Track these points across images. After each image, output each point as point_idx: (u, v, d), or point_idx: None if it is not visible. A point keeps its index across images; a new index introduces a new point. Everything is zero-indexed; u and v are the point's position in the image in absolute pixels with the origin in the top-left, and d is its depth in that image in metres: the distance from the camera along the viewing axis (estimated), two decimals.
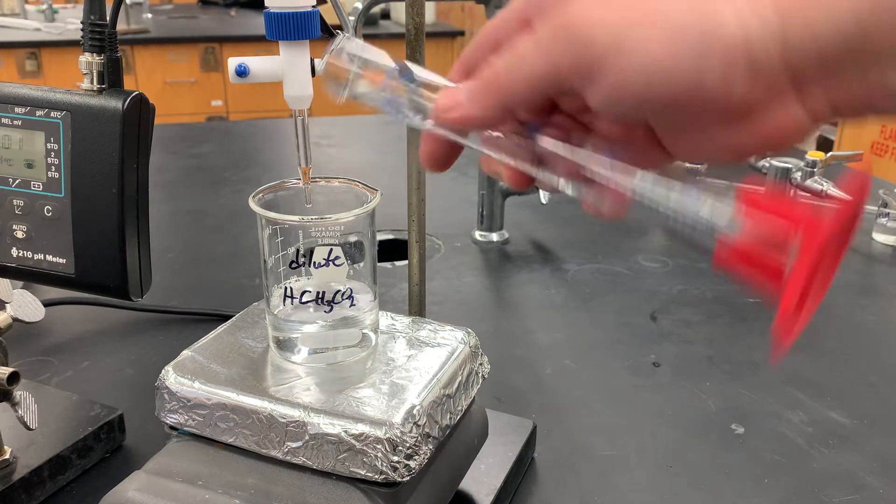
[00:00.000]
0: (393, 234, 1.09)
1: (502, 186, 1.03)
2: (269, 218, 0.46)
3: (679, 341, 0.80)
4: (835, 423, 0.66)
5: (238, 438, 0.45)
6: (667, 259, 1.00)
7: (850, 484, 0.59)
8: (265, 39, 0.45)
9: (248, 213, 0.47)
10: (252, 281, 0.93)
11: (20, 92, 0.46)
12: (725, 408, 0.68)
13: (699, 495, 0.58)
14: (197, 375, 0.46)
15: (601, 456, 0.62)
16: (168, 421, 0.47)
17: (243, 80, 0.45)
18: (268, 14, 0.44)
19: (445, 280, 0.94)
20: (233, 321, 0.53)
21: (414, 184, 0.56)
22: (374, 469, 0.42)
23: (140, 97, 0.45)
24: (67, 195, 0.45)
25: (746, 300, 0.88)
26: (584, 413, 0.68)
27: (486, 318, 0.85)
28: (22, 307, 0.60)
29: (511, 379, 0.72)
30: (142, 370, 0.73)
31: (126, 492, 0.44)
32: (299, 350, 0.48)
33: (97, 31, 0.44)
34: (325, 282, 0.48)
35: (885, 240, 1.06)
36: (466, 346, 0.51)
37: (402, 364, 0.48)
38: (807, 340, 0.80)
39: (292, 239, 0.47)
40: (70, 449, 0.58)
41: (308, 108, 0.48)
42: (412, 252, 0.58)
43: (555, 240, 1.06)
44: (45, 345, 0.77)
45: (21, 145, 0.46)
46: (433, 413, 0.45)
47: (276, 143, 1.61)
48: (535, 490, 0.58)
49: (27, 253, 0.47)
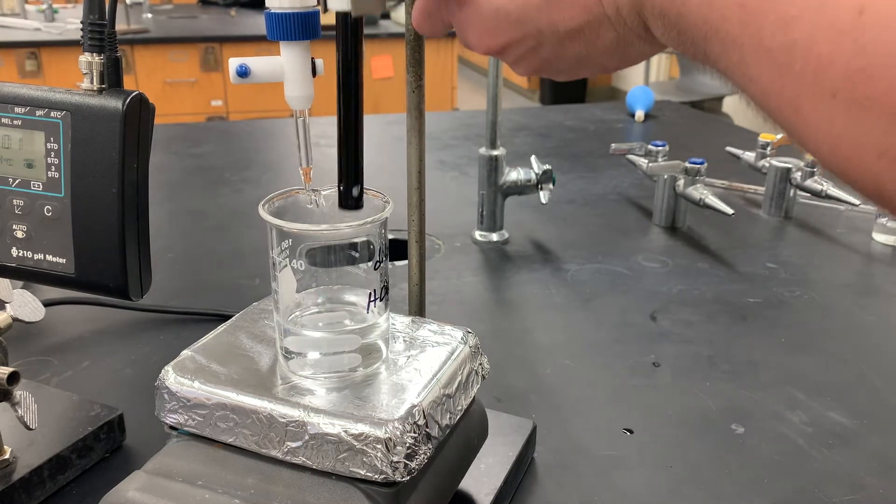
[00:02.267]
0: (393, 234, 1.09)
1: (502, 186, 1.03)
2: (278, 227, 0.45)
3: (679, 341, 0.80)
4: (835, 423, 0.66)
5: (238, 438, 0.45)
6: (667, 259, 1.00)
7: (850, 484, 0.59)
8: (265, 39, 0.45)
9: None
10: (252, 281, 0.93)
11: (20, 92, 0.46)
12: (725, 408, 0.68)
13: (699, 495, 0.58)
14: (197, 375, 0.46)
15: (601, 456, 0.62)
16: (168, 421, 0.47)
17: (244, 80, 0.45)
18: (268, 14, 0.44)
19: (445, 280, 0.94)
20: (233, 321, 0.53)
21: (414, 184, 0.56)
22: (374, 469, 0.42)
23: (140, 97, 0.45)
24: (67, 195, 0.45)
25: (746, 300, 0.88)
26: (584, 413, 0.68)
27: (486, 318, 0.85)
28: (22, 307, 0.60)
29: (511, 379, 0.72)
30: (142, 370, 0.73)
31: (126, 492, 0.44)
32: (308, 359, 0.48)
33: (97, 30, 0.44)
34: (334, 290, 0.48)
35: (885, 240, 1.06)
36: (466, 345, 0.51)
37: (401, 364, 0.48)
38: (807, 340, 0.80)
39: (302, 247, 0.46)
40: (70, 449, 0.58)
41: (309, 108, 0.48)
42: (412, 252, 0.58)
43: (555, 240, 1.06)
44: (45, 345, 0.77)
45: (21, 145, 0.46)
46: (433, 413, 0.45)
47: (276, 143, 1.61)
48: (535, 490, 0.58)
49: (27, 253, 0.47)
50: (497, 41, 0.41)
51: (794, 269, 0.97)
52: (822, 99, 0.28)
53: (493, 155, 1.01)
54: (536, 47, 0.40)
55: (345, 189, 0.47)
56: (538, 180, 1.03)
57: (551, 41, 0.39)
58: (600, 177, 1.34)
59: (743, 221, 1.14)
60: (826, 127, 0.28)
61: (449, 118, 1.76)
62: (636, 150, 1.21)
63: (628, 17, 0.36)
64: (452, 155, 1.46)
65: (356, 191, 0.47)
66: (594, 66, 0.41)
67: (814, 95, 0.28)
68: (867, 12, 0.26)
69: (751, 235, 1.09)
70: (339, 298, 0.48)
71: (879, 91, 0.26)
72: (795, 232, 1.10)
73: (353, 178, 0.47)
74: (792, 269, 0.97)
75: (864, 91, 0.27)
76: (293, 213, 0.48)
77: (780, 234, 1.10)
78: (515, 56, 0.42)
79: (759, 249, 1.03)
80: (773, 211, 1.16)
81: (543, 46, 0.40)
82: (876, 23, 0.26)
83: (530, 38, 0.40)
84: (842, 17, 0.27)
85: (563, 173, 1.33)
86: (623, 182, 1.30)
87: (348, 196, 0.47)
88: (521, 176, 1.03)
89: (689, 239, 1.07)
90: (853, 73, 0.27)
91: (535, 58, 0.41)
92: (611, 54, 0.39)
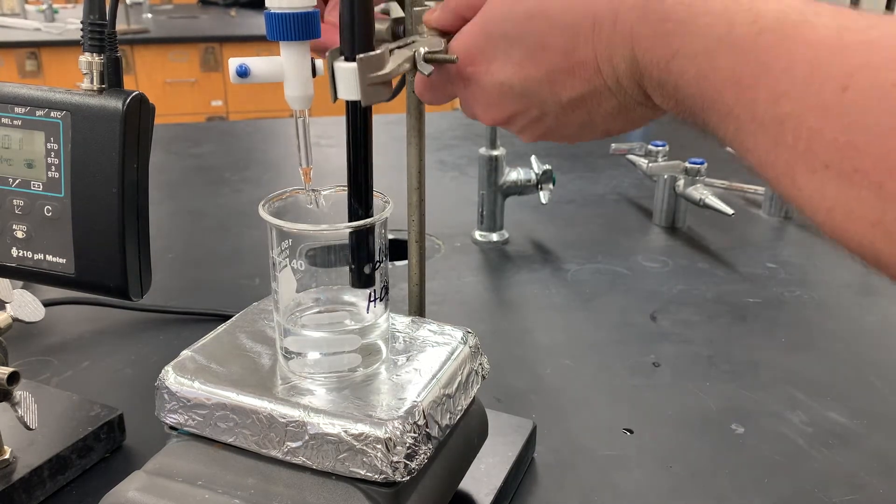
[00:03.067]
0: (393, 234, 1.09)
1: (502, 186, 1.03)
2: (278, 227, 0.45)
3: (679, 341, 0.80)
4: (835, 423, 0.66)
5: (238, 438, 0.45)
6: (667, 259, 1.00)
7: (850, 484, 0.59)
8: (265, 39, 0.45)
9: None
10: (252, 281, 0.93)
11: (20, 92, 0.46)
12: (725, 408, 0.68)
13: (699, 495, 0.58)
14: (197, 375, 0.46)
15: (601, 456, 0.62)
16: (168, 421, 0.47)
17: (244, 80, 0.45)
18: (268, 14, 0.43)
19: (445, 280, 0.94)
20: (233, 321, 0.53)
21: (414, 184, 0.56)
22: (374, 469, 0.42)
23: (140, 97, 0.45)
24: (67, 195, 0.45)
25: (746, 300, 0.88)
26: (584, 413, 0.68)
27: (486, 318, 0.85)
28: (22, 307, 0.60)
29: (511, 379, 0.72)
30: (142, 370, 0.73)
31: (126, 492, 0.44)
32: (308, 359, 0.48)
33: (97, 30, 0.44)
34: (334, 290, 0.48)
35: None
36: (466, 345, 0.51)
37: (401, 364, 0.48)
38: (807, 340, 0.80)
39: (302, 247, 0.46)
40: (70, 449, 0.58)
41: (309, 108, 0.48)
42: (412, 252, 0.58)
43: (555, 240, 1.06)
44: (45, 345, 0.77)
45: (21, 145, 0.46)
46: (433, 413, 0.45)
47: (276, 143, 1.61)
48: (535, 490, 0.58)
49: (27, 253, 0.47)
50: (502, 113, 0.43)
51: (794, 269, 0.97)
52: (814, 170, 0.29)
53: (493, 155, 1.01)
54: (541, 117, 0.42)
55: (357, 268, 0.46)
56: (538, 180, 1.03)
57: (554, 111, 0.41)
58: (600, 177, 1.34)
59: (743, 221, 1.13)
60: (820, 197, 0.29)
61: (449, 118, 1.76)
62: (636, 150, 1.21)
63: (628, 87, 0.37)
64: (452, 155, 1.46)
65: (368, 269, 0.46)
66: (598, 130, 0.42)
67: (807, 167, 0.29)
68: (851, 89, 0.27)
69: (751, 235, 1.09)
70: (339, 298, 0.48)
71: (867, 165, 0.27)
72: (795, 232, 1.10)
73: (366, 257, 0.46)
74: (792, 269, 0.97)
75: (852, 164, 0.27)
76: (293, 214, 0.48)
77: (780, 234, 1.10)
78: (520, 126, 0.43)
79: (759, 249, 1.03)
80: (773, 211, 1.16)
81: (547, 116, 0.41)
82: (859, 100, 0.27)
83: (534, 108, 0.41)
84: (827, 93, 0.28)
85: (563, 173, 1.33)
86: (623, 182, 1.30)
87: (360, 275, 0.46)
88: (521, 176, 1.03)
89: (689, 239, 1.07)
90: (841, 146, 0.27)
91: (539, 126, 0.43)
92: (613, 120, 0.40)
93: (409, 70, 0.43)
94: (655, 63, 0.35)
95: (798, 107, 0.29)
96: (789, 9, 0.31)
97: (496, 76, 0.41)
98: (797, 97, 0.29)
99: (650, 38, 0.35)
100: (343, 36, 0.41)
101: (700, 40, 0.33)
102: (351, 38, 0.41)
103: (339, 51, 0.42)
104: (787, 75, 0.29)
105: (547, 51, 0.39)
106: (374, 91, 0.41)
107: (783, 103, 0.29)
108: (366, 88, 0.41)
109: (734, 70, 0.31)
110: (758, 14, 0.31)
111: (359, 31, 0.41)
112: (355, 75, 0.41)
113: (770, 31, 0.30)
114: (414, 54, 0.43)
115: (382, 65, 0.41)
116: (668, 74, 0.34)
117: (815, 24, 0.29)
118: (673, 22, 0.34)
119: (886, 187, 0.26)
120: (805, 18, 0.30)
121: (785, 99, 0.29)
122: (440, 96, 0.47)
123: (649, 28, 0.35)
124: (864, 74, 0.27)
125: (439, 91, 0.46)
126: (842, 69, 0.28)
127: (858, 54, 0.28)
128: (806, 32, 0.29)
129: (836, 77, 0.28)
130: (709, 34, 0.32)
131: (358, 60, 0.40)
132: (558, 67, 0.39)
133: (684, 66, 0.33)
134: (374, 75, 0.41)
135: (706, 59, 0.32)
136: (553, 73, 0.39)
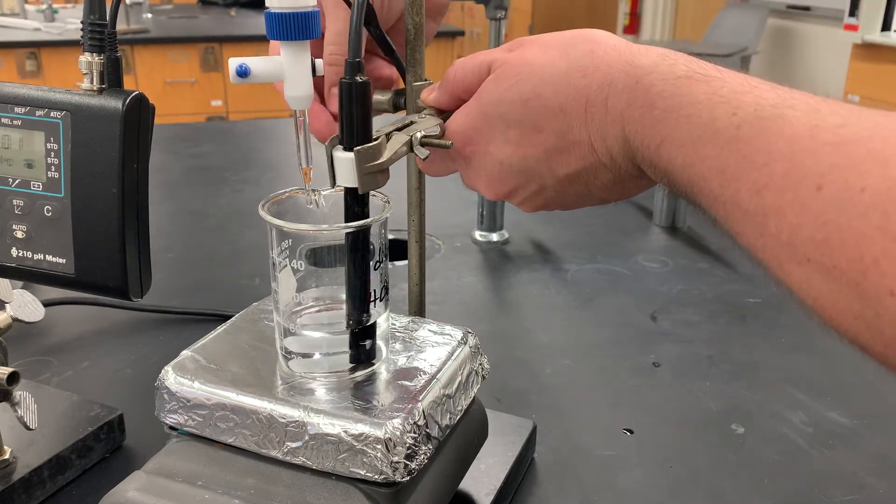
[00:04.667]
0: (393, 234, 1.09)
1: None
2: (278, 227, 0.45)
3: (679, 341, 0.80)
4: (835, 423, 0.66)
5: (238, 438, 0.45)
6: (667, 259, 1.00)
7: (850, 484, 0.59)
8: (265, 39, 0.45)
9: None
10: (252, 281, 0.93)
11: (20, 92, 0.46)
12: (725, 408, 0.68)
13: (699, 495, 0.58)
14: (197, 375, 0.46)
15: (601, 456, 0.62)
16: (168, 421, 0.47)
17: (244, 80, 0.45)
18: (268, 14, 0.43)
19: (445, 280, 0.94)
20: (233, 321, 0.53)
21: (414, 184, 0.56)
22: (374, 469, 0.42)
23: (140, 97, 0.45)
24: (67, 195, 0.45)
25: (746, 300, 0.88)
26: (584, 413, 0.68)
27: (486, 318, 0.85)
28: (22, 307, 0.60)
29: (511, 379, 0.72)
30: (142, 370, 0.73)
31: (126, 492, 0.44)
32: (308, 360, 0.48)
33: (97, 30, 0.44)
34: (334, 290, 0.48)
35: None
36: (466, 345, 0.50)
37: (401, 364, 0.48)
38: (807, 340, 0.80)
39: (302, 247, 0.46)
40: (70, 449, 0.58)
41: (309, 108, 0.48)
42: (412, 252, 0.58)
43: (555, 240, 1.06)
44: (45, 345, 0.77)
45: (21, 145, 0.46)
46: (433, 413, 0.45)
47: (276, 143, 1.61)
48: (535, 490, 0.58)
49: (27, 253, 0.47)
50: (503, 188, 0.45)
51: None
52: (799, 262, 0.29)
53: None
54: (540, 191, 0.44)
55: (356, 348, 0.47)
56: None
57: (553, 185, 0.43)
58: None
59: None
60: (807, 286, 0.30)
61: None
62: None
63: (622, 163, 0.39)
64: None
65: (368, 344, 0.47)
66: (595, 200, 0.44)
67: (791, 257, 0.30)
68: (825, 188, 0.28)
69: None
70: (339, 298, 0.48)
71: (843, 264, 0.27)
72: None
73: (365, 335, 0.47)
74: None
75: (830, 261, 0.28)
76: (293, 214, 0.48)
77: None
78: (521, 198, 0.45)
79: None
80: None
81: (546, 189, 0.43)
82: (833, 200, 0.28)
83: (533, 183, 0.43)
84: (803, 190, 0.29)
85: None
86: None
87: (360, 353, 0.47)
88: None
89: (689, 239, 1.07)
90: (819, 243, 0.28)
91: (539, 199, 0.45)
92: (609, 191, 0.42)
93: (407, 153, 0.45)
94: (646, 146, 0.36)
95: (778, 200, 0.30)
96: (766, 102, 0.32)
97: (495, 155, 0.43)
98: (777, 191, 0.30)
99: (639, 123, 0.36)
100: (342, 127, 0.43)
101: (686, 129, 0.34)
102: (350, 131, 0.43)
103: (339, 138, 0.43)
104: (767, 169, 0.30)
105: (543, 132, 0.41)
106: (371, 179, 0.43)
107: (765, 195, 0.30)
108: (363, 177, 0.43)
109: (718, 160, 0.32)
110: (737, 106, 0.32)
111: (357, 125, 0.43)
112: (353, 165, 0.42)
113: (748, 125, 0.31)
114: (411, 138, 0.44)
115: (379, 154, 0.43)
116: (657, 158, 0.36)
117: (791, 120, 0.30)
118: (660, 109, 0.35)
119: (862, 286, 0.27)
120: (780, 112, 0.31)
121: (766, 191, 0.30)
122: (441, 171, 0.49)
123: (637, 113, 0.36)
124: (835, 175, 0.28)
125: (440, 168, 0.49)
126: (816, 169, 0.28)
127: (830, 155, 0.28)
128: (783, 128, 0.30)
129: (811, 176, 0.28)
130: (693, 124, 0.34)
131: (355, 152, 0.42)
132: (554, 147, 0.41)
133: (672, 154, 0.35)
134: (370, 164, 0.43)
135: (692, 149, 0.34)
136: (549, 152, 0.41)
